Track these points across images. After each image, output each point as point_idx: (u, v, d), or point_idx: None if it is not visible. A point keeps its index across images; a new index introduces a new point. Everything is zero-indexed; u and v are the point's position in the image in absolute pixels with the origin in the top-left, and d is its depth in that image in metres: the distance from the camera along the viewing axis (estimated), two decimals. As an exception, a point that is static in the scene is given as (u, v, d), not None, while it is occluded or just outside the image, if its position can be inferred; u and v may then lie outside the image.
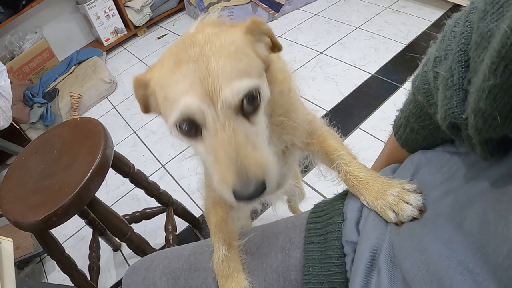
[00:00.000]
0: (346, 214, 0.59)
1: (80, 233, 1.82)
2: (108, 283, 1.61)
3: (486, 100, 0.33)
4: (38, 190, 1.06)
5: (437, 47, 0.43)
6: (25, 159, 1.19)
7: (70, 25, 3.19)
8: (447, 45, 0.41)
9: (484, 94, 0.33)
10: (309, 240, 0.60)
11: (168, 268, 0.72)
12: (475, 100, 0.35)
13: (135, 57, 3.06)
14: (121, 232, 1.15)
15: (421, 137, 0.55)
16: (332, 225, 0.59)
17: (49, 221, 0.98)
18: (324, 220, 0.61)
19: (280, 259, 0.62)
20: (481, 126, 0.36)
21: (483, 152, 0.39)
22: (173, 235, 1.38)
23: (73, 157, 1.09)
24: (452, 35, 0.41)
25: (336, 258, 0.56)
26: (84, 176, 1.00)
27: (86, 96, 2.61)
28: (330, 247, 0.57)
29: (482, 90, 0.33)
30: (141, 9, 3.16)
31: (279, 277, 0.61)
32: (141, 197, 1.86)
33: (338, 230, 0.58)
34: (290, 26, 2.79)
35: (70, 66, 2.85)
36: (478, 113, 0.35)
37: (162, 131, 2.22)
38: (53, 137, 1.21)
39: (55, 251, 1.19)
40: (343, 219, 0.59)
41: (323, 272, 0.57)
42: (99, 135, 1.09)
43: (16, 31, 2.86)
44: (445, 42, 0.42)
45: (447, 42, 0.41)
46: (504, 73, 0.30)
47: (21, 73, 2.82)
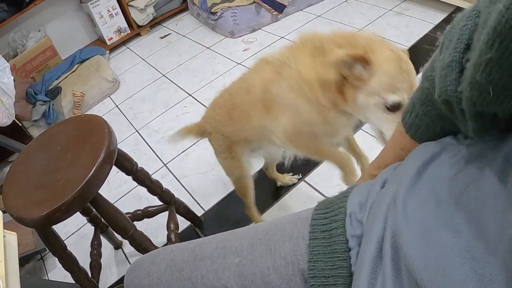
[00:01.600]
0: (349, 209, 0.60)
1: (81, 231, 1.82)
2: (109, 281, 1.61)
3: (481, 73, 0.36)
4: (42, 186, 1.06)
5: (444, 36, 0.45)
6: (29, 156, 1.19)
7: (73, 24, 3.20)
8: (453, 32, 0.43)
9: (480, 67, 0.35)
10: (313, 235, 0.60)
11: (173, 261, 0.72)
12: (472, 74, 0.37)
13: (138, 56, 3.07)
14: (124, 229, 1.15)
15: (423, 124, 0.56)
16: (336, 222, 0.59)
17: (52, 217, 0.98)
18: (329, 216, 0.61)
19: (288, 247, 0.62)
20: (476, 99, 0.38)
21: (475, 125, 0.42)
22: (175, 234, 1.39)
23: (77, 154, 1.09)
24: (458, 23, 0.42)
25: (341, 252, 0.57)
26: (88, 172, 1.00)
27: (89, 94, 2.61)
28: (335, 242, 0.58)
29: (478, 64, 0.36)
30: (144, 9, 3.17)
31: (288, 264, 0.61)
32: (142, 195, 1.87)
33: (343, 226, 0.58)
34: (293, 27, 2.79)
35: (73, 64, 2.85)
36: (474, 86, 0.37)
37: (165, 130, 2.23)
38: (57, 134, 1.21)
39: (57, 247, 1.19)
40: (346, 215, 0.60)
41: (328, 266, 0.57)
42: (103, 132, 1.10)
43: (19, 29, 2.87)
44: (451, 30, 0.43)
45: (453, 30, 0.43)
46: (499, 48, 0.33)
47: (24, 71, 2.83)
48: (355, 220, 0.58)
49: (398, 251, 0.45)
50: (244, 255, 0.65)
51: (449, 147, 0.51)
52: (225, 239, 0.70)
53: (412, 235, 0.43)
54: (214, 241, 0.71)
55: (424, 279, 0.38)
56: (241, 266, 0.64)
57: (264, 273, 0.62)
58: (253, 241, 0.66)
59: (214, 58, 2.74)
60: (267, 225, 0.68)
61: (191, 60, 2.81)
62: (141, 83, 2.75)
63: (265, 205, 1.65)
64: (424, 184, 0.48)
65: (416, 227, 0.43)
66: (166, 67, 2.82)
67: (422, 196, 0.46)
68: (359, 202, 0.59)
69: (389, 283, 0.44)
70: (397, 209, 0.47)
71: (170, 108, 2.40)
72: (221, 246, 0.69)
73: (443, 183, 0.45)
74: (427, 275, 0.38)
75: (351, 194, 0.63)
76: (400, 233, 0.44)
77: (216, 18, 2.90)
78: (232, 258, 0.66)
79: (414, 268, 0.40)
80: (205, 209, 1.72)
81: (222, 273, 0.65)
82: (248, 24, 2.86)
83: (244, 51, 2.71)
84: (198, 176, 1.88)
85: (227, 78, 2.49)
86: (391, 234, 0.47)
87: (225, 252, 0.67)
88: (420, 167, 0.50)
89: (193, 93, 2.46)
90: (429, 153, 0.52)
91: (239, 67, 2.55)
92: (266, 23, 2.91)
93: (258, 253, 0.64)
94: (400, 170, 0.56)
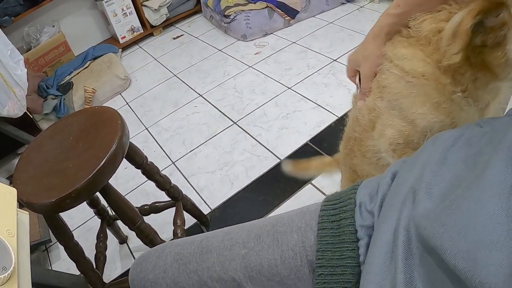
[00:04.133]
0: (358, 200, 0.60)
1: (87, 224, 1.82)
2: (112, 274, 1.61)
3: None
4: (53, 173, 1.06)
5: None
6: (41, 143, 1.20)
7: (87, 21, 3.23)
8: None
9: None
10: (322, 225, 0.60)
11: (179, 254, 0.71)
12: None
13: (150, 56, 3.09)
14: (132, 220, 1.15)
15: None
16: (345, 212, 0.60)
17: (62, 203, 0.98)
18: (338, 207, 0.61)
19: (296, 238, 0.62)
20: None
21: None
22: (182, 229, 1.39)
23: (89, 143, 1.09)
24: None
25: (349, 242, 0.57)
26: (100, 161, 1.01)
27: (100, 91, 2.63)
28: (344, 232, 0.58)
29: None
30: (158, 9, 3.20)
31: (296, 255, 0.60)
32: (150, 192, 1.87)
33: (352, 216, 0.58)
34: (305, 33, 2.81)
35: (86, 61, 2.88)
36: None
37: (174, 129, 2.24)
38: (69, 124, 1.22)
39: (64, 236, 1.19)
40: (355, 205, 0.60)
41: (336, 256, 0.57)
42: (116, 123, 1.10)
43: (34, 23, 2.90)
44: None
45: None
46: None
47: (37, 65, 2.85)
48: (365, 211, 0.58)
49: (413, 237, 0.45)
50: (251, 246, 0.65)
51: (467, 130, 0.51)
52: (231, 231, 0.70)
53: (438, 213, 0.42)
54: (221, 234, 0.71)
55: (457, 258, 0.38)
56: (248, 258, 0.64)
57: (272, 264, 0.62)
58: (260, 232, 0.66)
59: (226, 60, 2.75)
60: (274, 218, 0.68)
61: (202, 62, 2.82)
62: (152, 82, 2.77)
63: (270, 207, 1.65)
64: (451, 165, 0.48)
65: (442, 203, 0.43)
66: (178, 67, 2.84)
67: (450, 176, 0.46)
68: (369, 193, 0.60)
69: (401, 265, 0.44)
70: (419, 197, 0.47)
71: (180, 107, 2.41)
72: (228, 238, 0.68)
73: (468, 161, 0.45)
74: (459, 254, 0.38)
75: (360, 186, 0.63)
76: (423, 217, 0.44)
77: (229, 21, 2.92)
78: (238, 249, 0.65)
79: (439, 246, 0.39)
80: (212, 207, 1.72)
81: (228, 264, 0.65)
82: (260, 28, 2.87)
83: (255, 55, 2.72)
84: (205, 175, 1.88)
85: (238, 80, 2.50)
86: (406, 223, 0.47)
87: (232, 244, 0.67)
88: (445, 152, 0.50)
89: (204, 94, 2.47)
90: (451, 138, 0.52)
91: (251, 70, 2.56)
92: (278, 28, 2.92)
93: (265, 245, 0.64)
94: (416, 160, 0.56)
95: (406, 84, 0.75)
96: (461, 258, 0.37)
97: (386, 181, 0.59)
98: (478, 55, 0.66)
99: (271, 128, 2.05)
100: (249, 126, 2.10)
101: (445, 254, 0.38)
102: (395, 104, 0.79)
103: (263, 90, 2.35)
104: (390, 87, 0.78)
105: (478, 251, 0.36)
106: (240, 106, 2.27)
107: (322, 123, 1.99)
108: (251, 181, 1.78)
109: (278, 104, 2.20)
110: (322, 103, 2.12)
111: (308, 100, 2.17)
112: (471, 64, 0.68)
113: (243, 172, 1.84)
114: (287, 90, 2.29)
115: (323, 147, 1.85)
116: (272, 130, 2.04)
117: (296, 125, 2.03)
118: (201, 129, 2.18)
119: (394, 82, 0.78)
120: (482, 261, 0.35)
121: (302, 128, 2.00)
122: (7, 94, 2.00)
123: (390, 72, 0.78)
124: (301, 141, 1.92)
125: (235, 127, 2.12)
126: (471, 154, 0.46)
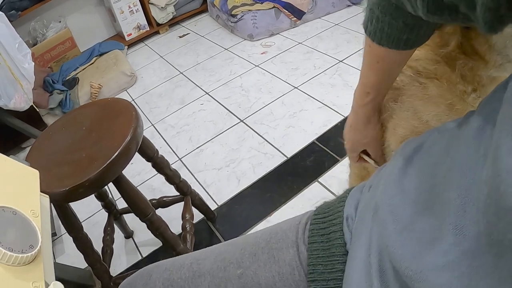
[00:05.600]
0: (345, 213, 0.59)
1: (93, 218, 1.82)
2: (117, 269, 1.60)
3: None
4: (65, 163, 1.06)
5: None
6: (52, 134, 1.19)
7: (94, 18, 3.23)
8: None
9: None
10: (312, 239, 0.59)
11: (169, 280, 0.65)
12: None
13: (155, 54, 3.09)
14: (144, 211, 1.15)
15: (385, 24, 0.54)
16: (335, 225, 0.59)
17: (75, 192, 0.98)
18: (327, 220, 0.60)
19: (292, 253, 0.60)
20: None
21: (422, 3, 0.41)
22: (190, 223, 1.38)
23: (103, 134, 1.09)
24: None
25: (340, 256, 0.56)
26: (115, 151, 1.01)
27: (106, 87, 2.63)
28: (333, 245, 0.57)
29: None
30: (165, 7, 3.20)
31: (294, 270, 0.59)
32: (156, 187, 1.87)
33: (341, 230, 0.58)
34: (311, 34, 2.81)
35: (92, 57, 2.88)
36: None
37: (181, 126, 2.24)
38: (81, 115, 1.22)
39: (74, 226, 1.19)
40: (343, 219, 0.59)
41: (327, 269, 0.56)
42: (131, 114, 1.10)
43: (40, 18, 2.90)
44: None
45: None
46: None
47: (42, 60, 2.85)
48: (351, 224, 0.57)
49: (383, 255, 0.45)
50: (247, 265, 0.62)
51: (429, 138, 0.51)
52: (223, 251, 0.66)
53: (397, 234, 0.43)
54: (212, 254, 0.66)
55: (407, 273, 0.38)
56: (245, 277, 0.61)
57: (270, 282, 0.60)
58: (255, 250, 0.63)
59: (232, 60, 2.75)
60: (267, 233, 0.65)
61: (209, 60, 2.83)
62: (158, 79, 2.77)
63: (277, 203, 1.65)
64: (411, 177, 0.47)
65: (402, 224, 0.43)
66: (184, 65, 2.84)
67: (410, 189, 0.46)
68: (354, 206, 0.59)
69: (376, 283, 0.45)
70: (383, 215, 0.47)
71: (186, 104, 2.41)
72: (220, 259, 0.65)
73: (427, 171, 0.45)
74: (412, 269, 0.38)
75: (348, 197, 0.62)
76: (387, 237, 0.44)
77: (236, 20, 2.92)
78: (233, 270, 0.62)
79: (399, 267, 0.40)
80: (219, 204, 1.71)
81: (224, 287, 0.62)
82: (267, 28, 2.88)
83: (262, 54, 2.72)
84: (212, 171, 1.88)
85: (244, 79, 2.50)
86: (376, 241, 0.47)
87: (225, 265, 0.63)
88: (407, 161, 0.50)
89: (210, 92, 2.47)
90: (414, 146, 0.51)
91: (257, 69, 2.57)
92: (284, 28, 2.93)
93: (261, 262, 0.61)
94: (384, 170, 0.55)
95: (420, 86, 0.75)
96: (415, 280, 0.37)
97: (364, 190, 0.58)
98: (468, 41, 0.66)
99: (278, 127, 2.05)
100: (256, 124, 2.10)
101: (403, 275, 0.39)
102: (409, 106, 0.78)
103: (270, 89, 2.35)
104: (404, 89, 0.78)
105: (430, 272, 0.36)
106: (246, 105, 2.27)
107: (328, 122, 2.00)
108: (258, 178, 1.78)
109: (284, 103, 2.20)
110: (329, 103, 2.13)
111: (315, 100, 2.17)
112: (464, 51, 0.68)
113: (250, 169, 1.84)
114: (293, 89, 2.29)
115: (330, 146, 1.85)
116: (279, 128, 2.04)
117: (302, 124, 2.03)
118: (207, 127, 2.18)
119: (408, 84, 0.77)
120: (434, 282, 0.36)
121: (309, 127, 2.00)
122: (14, 87, 2.00)
123: (403, 74, 0.78)
124: (308, 139, 1.92)
125: (242, 125, 2.12)
126: (430, 164, 0.45)
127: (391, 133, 0.83)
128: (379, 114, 0.80)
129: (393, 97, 0.81)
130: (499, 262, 0.30)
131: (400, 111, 0.80)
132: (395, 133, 0.81)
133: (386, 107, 0.82)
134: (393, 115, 0.81)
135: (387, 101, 0.82)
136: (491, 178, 0.31)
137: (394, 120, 0.81)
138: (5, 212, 0.51)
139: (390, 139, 0.84)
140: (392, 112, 0.81)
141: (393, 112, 0.81)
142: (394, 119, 0.81)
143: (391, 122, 0.82)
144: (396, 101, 0.80)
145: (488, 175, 0.32)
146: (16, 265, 0.47)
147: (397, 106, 0.80)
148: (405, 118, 0.79)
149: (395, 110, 0.81)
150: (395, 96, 0.80)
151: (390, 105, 0.81)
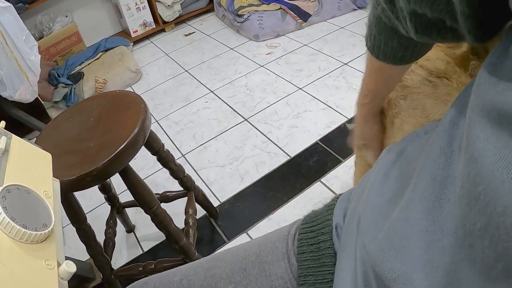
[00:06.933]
0: (334, 222, 0.58)
1: (95, 212, 1.82)
2: (118, 263, 1.60)
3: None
4: (72, 152, 1.06)
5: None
6: (60, 124, 1.20)
7: (100, 13, 3.24)
8: None
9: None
10: (301, 249, 0.58)
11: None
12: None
13: (161, 51, 3.10)
14: (149, 203, 1.15)
15: (381, 42, 0.56)
16: (324, 234, 0.58)
17: (83, 181, 0.98)
18: (316, 229, 0.59)
19: (283, 266, 0.59)
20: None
21: (410, 24, 0.42)
22: (194, 219, 1.38)
23: (111, 125, 1.10)
24: None
25: (330, 265, 0.55)
26: (123, 142, 1.01)
27: (111, 82, 2.63)
28: (323, 255, 0.56)
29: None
30: (171, 5, 3.21)
31: (286, 283, 0.58)
32: (159, 183, 1.87)
33: (330, 239, 0.57)
34: (316, 36, 2.82)
35: (97, 52, 2.88)
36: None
37: (185, 123, 2.24)
38: (89, 106, 1.22)
39: (77, 217, 1.19)
40: (332, 228, 0.58)
41: (319, 280, 0.55)
42: (139, 106, 1.11)
43: (47, 12, 2.91)
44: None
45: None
46: None
47: (48, 54, 2.86)
48: (340, 233, 0.57)
49: (367, 265, 0.44)
50: (237, 280, 0.61)
51: (410, 144, 0.51)
52: (213, 266, 0.65)
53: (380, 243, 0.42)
54: (201, 270, 0.65)
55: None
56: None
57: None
58: (245, 265, 0.62)
59: (237, 59, 2.76)
60: (257, 246, 0.64)
61: (214, 59, 2.83)
62: (163, 76, 2.77)
63: (280, 202, 1.65)
64: (391, 183, 0.47)
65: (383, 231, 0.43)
66: (189, 63, 2.85)
67: (390, 196, 0.46)
68: (343, 214, 0.58)
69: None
70: (365, 223, 0.47)
71: (191, 102, 2.42)
72: (210, 275, 0.63)
73: (407, 174, 0.45)
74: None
75: (336, 205, 0.61)
76: (368, 243, 0.44)
77: (242, 20, 2.93)
78: (224, 286, 0.61)
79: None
80: (221, 201, 1.72)
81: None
82: (273, 29, 2.89)
83: (267, 55, 2.73)
84: (215, 169, 1.88)
85: (249, 79, 2.51)
86: (360, 251, 0.47)
87: (216, 281, 0.62)
88: (388, 168, 0.50)
89: (215, 90, 2.47)
90: (395, 152, 0.52)
91: (262, 69, 2.57)
92: (290, 30, 2.94)
93: (252, 277, 0.60)
94: (368, 179, 0.55)
95: (430, 84, 0.76)
96: (399, 283, 0.37)
97: (352, 200, 0.58)
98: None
99: (282, 126, 2.05)
100: (260, 124, 2.10)
101: (386, 280, 0.39)
102: (418, 103, 0.79)
103: (274, 90, 2.36)
104: (414, 87, 0.79)
105: (414, 272, 0.36)
106: (251, 104, 2.27)
107: (332, 123, 2.00)
108: (261, 177, 1.79)
109: (289, 104, 2.21)
110: (333, 104, 2.13)
111: (319, 101, 2.17)
112: (477, 53, 0.69)
113: (253, 167, 1.84)
114: (298, 90, 2.30)
115: (333, 147, 1.85)
116: (283, 128, 2.04)
117: (306, 124, 2.03)
118: (211, 124, 2.18)
119: (418, 83, 0.79)
120: (419, 283, 0.35)
121: (312, 128, 2.00)
122: (20, 79, 2.01)
123: (414, 72, 0.79)
124: (311, 140, 1.93)
125: (246, 123, 2.13)
126: (409, 169, 0.45)
127: (398, 129, 0.83)
128: (378, 116, 0.83)
129: (403, 94, 0.82)
130: (473, 254, 0.30)
131: (408, 108, 0.80)
132: (402, 129, 0.82)
133: (395, 104, 0.83)
134: (401, 111, 0.82)
135: (396, 98, 0.83)
136: (463, 168, 0.31)
137: (402, 116, 0.82)
138: (19, 190, 0.51)
139: (397, 135, 0.84)
140: (401, 109, 0.82)
141: (402, 109, 0.82)
142: (402, 115, 0.82)
143: (398, 118, 0.83)
144: (405, 98, 0.81)
145: (461, 166, 0.32)
146: (30, 242, 0.47)
147: (406, 103, 0.81)
148: (413, 115, 0.80)
149: (403, 107, 0.82)
150: (404, 94, 0.81)
151: (399, 102, 0.82)
